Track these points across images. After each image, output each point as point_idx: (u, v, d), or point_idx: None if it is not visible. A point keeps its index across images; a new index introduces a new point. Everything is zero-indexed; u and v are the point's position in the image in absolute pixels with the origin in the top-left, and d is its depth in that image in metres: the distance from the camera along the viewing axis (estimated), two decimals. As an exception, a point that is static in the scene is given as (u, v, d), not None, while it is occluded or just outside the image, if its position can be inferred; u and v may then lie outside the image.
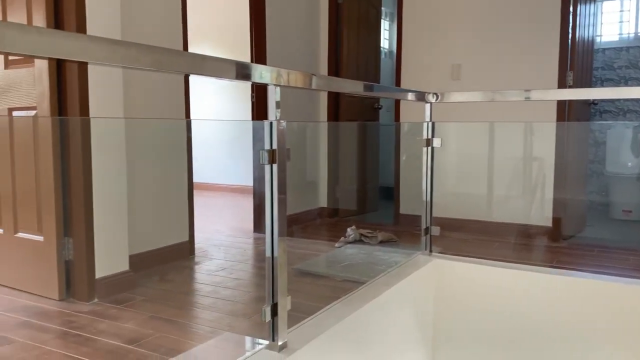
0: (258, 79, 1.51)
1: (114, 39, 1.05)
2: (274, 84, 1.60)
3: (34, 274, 2.59)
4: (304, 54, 4.49)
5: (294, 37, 4.36)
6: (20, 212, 2.63)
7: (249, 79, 1.45)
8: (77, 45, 0.99)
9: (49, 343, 2.02)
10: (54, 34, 0.98)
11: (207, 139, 6.29)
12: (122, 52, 1.09)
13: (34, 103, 2.50)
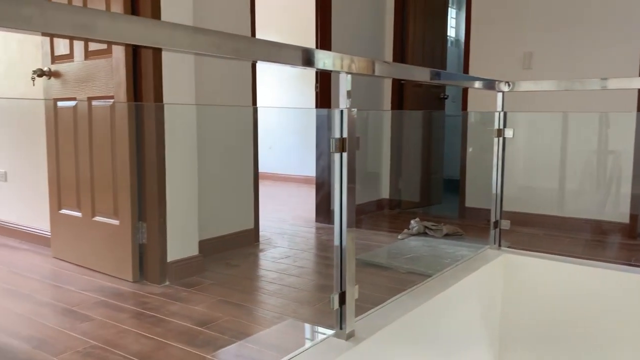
0: (330, 66, 1.50)
1: (198, 27, 1.07)
2: (345, 71, 1.59)
3: (109, 256, 2.72)
4: (369, 43, 4.45)
5: (359, 25, 4.32)
6: (98, 197, 2.77)
7: (317, 67, 1.43)
8: (165, 33, 1.01)
9: (125, 322, 2.12)
10: (143, 22, 1.01)
11: (270, 130, 6.37)
12: (204, 40, 1.11)
13: (112, 92, 2.61)
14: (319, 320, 2.23)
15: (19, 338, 1.96)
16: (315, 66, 1.38)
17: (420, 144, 4.81)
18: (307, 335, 2.15)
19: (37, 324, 2.10)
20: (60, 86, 2.90)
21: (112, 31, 0.96)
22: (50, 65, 2.93)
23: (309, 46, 1.37)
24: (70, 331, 2.02)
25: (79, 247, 2.90)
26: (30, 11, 0.84)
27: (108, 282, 2.63)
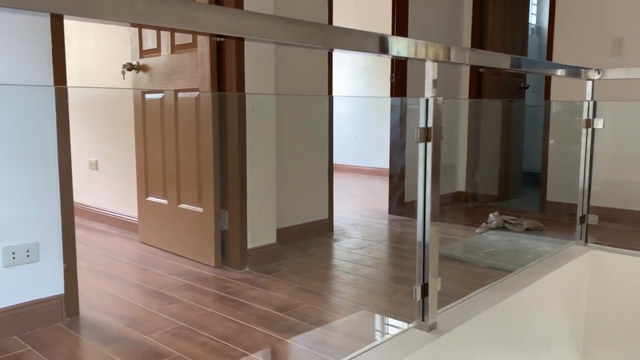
0: (404, 53, 1.47)
1: (291, 18, 1.09)
2: (432, 59, 1.56)
3: (193, 242, 2.84)
4: (446, 30, 4.34)
5: (436, 13, 4.23)
6: (183, 186, 2.89)
7: (392, 54, 1.40)
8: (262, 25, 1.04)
9: (209, 305, 2.21)
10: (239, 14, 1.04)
11: (341, 121, 6.39)
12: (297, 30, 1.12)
13: (197, 85, 2.72)
14: (395, 312, 2.22)
15: (113, 316, 2.10)
16: (390, 53, 1.36)
17: (498, 135, 4.65)
18: (384, 326, 2.15)
19: (128, 303, 2.23)
20: (147, 79, 3.05)
21: (213, 23, 1.00)
22: (138, 59, 3.08)
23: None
24: (158, 312, 2.13)
25: (164, 233, 3.04)
26: (141, 6, 0.89)
27: (192, 266, 2.75)
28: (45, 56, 1.93)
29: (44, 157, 1.93)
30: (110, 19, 0.87)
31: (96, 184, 3.79)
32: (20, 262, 1.90)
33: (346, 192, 5.15)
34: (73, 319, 2.04)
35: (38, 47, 1.91)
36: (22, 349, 1.80)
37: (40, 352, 1.78)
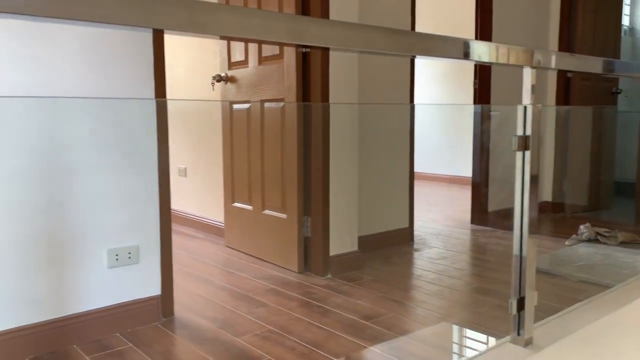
0: (486, 58, 1.43)
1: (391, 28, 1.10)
2: (530, 66, 1.52)
3: (277, 247, 2.91)
4: (531, 34, 4.19)
5: (521, 16, 4.10)
6: (267, 192, 2.97)
7: (472, 58, 1.37)
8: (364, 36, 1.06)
9: (295, 310, 2.25)
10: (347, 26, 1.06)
11: (419, 128, 6.31)
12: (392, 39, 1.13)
13: (282, 95, 2.79)
14: (483, 325, 2.16)
15: (205, 317, 2.18)
16: (470, 58, 1.34)
17: (588, 143, 4.42)
18: (473, 339, 2.10)
19: (218, 305, 2.32)
20: (235, 90, 3.16)
21: (319, 36, 1.03)
22: (227, 71, 3.20)
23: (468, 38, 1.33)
24: (247, 315, 2.20)
25: (249, 238, 3.13)
26: (256, 21, 0.93)
27: (275, 271, 2.81)
28: (147, 70, 2.05)
29: (145, 165, 2.05)
30: (226, 34, 0.92)
31: (184, 190, 3.97)
32: (123, 264, 2.02)
33: (425, 201, 5.08)
34: (168, 319, 2.15)
35: (141, 61, 2.03)
36: (123, 346, 1.91)
37: (140, 349, 1.88)
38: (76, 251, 1.91)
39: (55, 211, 1.85)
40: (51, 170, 1.84)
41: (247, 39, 0.93)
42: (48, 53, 1.82)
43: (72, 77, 1.88)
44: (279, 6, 2.72)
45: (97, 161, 1.93)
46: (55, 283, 1.87)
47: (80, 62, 1.89)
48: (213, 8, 0.85)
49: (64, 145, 1.86)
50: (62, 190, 1.86)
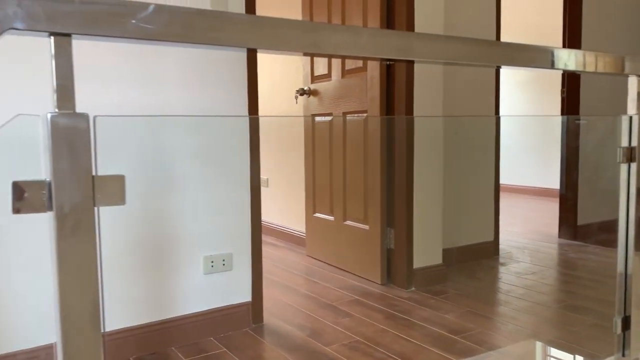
0: (572, 66, 1.37)
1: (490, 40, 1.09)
2: (636, 74, 1.46)
3: (359, 258, 2.92)
4: (624, 40, 3.98)
5: (613, 21, 3.90)
6: (349, 203, 3.00)
7: (558, 67, 1.32)
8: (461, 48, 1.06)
9: (381, 322, 2.25)
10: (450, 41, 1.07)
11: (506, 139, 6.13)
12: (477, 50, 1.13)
13: (365, 107, 2.82)
14: (578, 344, 2.07)
15: (293, 325, 2.23)
16: (556, 66, 1.29)
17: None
18: (568, 358, 2.01)
19: (305, 314, 2.36)
20: (317, 103, 3.23)
21: (426, 51, 1.04)
22: (310, 84, 3.28)
23: (555, 46, 1.29)
24: (334, 324, 2.23)
25: (330, 248, 3.17)
26: (365, 40, 0.96)
27: (358, 282, 2.82)
28: (242, 87, 2.14)
29: (238, 177, 2.14)
30: (338, 53, 0.95)
31: (266, 200, 4.08)
32: (217, 270, 2.11)
33: (509, 213, 4.92)
34: (258, 325, 2.22)
35: (235, 79, 2.13)
36: (218, 350, 1.99)
37: (234, 354, 1.96)
38: (176, 257, 2.02)
39: (158, 219, 1.97)
40: (156, 181, 1.96)
41: (357, 56, 0.96)
42: (153, 73, 1.95)
43: (174, 94, 2.00)
44: (363, 20, 2.76)
45: (196, 173, 2.04)
46: (157, 287, 1.99)
47: (181, 81, 2.01)
48: (328, 29, 0.89)
49: (166, 157, 1.98)
50: (165, 200, 1.98)
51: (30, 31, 0.67)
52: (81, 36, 0.71)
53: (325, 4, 3.06)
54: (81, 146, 0.70)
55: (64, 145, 0.69)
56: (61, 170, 0.69)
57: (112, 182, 0.74)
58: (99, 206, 0.73)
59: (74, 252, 0.71)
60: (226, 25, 0.80)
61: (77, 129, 0.70)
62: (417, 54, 1.02)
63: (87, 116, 0.70)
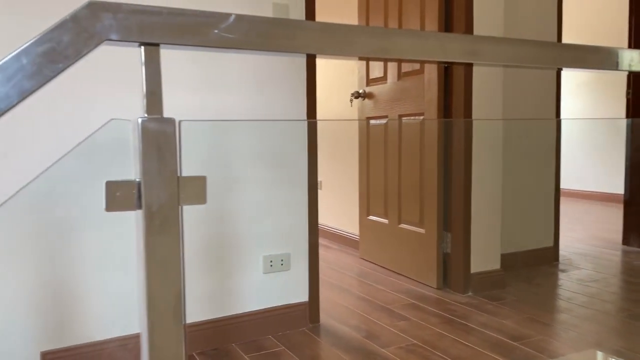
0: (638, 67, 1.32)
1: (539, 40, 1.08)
2: None
3: (414, 262, 2.91)
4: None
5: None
6: (405, 207, 2.99)
7: (622, 68, 1.28)
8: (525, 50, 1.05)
9: (437, 326, 2.24)
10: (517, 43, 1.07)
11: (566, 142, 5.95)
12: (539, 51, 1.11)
13: (421, 109, 2.80)
14: (645, 355, 1.99)
15: (349, 326, 2.25)
16: (619, 68, 1.25)
17: None
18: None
19: (360, 316, 2.38)
20: (372, 105, 3.24)
21: (494, 54, 1.04)
22: (365, 87, 3.30)
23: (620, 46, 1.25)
24: (390, 327, 2.23)
25: (384, 251, 3.17)
26: (433, 43, 0.97)
27: (412, 285, 2.81)
28: (301, 91, 2.19)
29: (296, 179, 2.18)
30: (406, 58, 0.97)
31: (320, 202, 4.12)
32: (276, 270, 2.16)
33: (570, 219, 4.77)
34: (315, 325, 2.25)
35: (295, 83, 2.17)
36: (277, 348, 2.03)
37: (293, 352, 1.99)
38: (236, 256, 2.08)
39: (220, 219, 2.04)
40: (219, 182, 2.03)
41: (423, 60, 0.97)
42: (218, 78, 2.02)
43: (236, 99, 2.06)
44: (420, 22, 2.75)
45: (256, 175, 2.09)
46: (219, 285, 2.05)
47: (243, 86, 2.07)
48: (397, 34, 0.91)
49: (229, 160, 2.04)
50: (227, 200, 2.05)
51: (123, 42, 0.72)
52: (168, 45, 0.75)
53: (382, 8, 3.07)
54: (168, 148, 0.75)
55: (153, 147, 0.74)
56: (150, 171, 0.74)
57: (194, 183, 0.78)
58: (183, 205, 0.77)
59: (160, 248, 0.75)
60: (299, 33, 0.83)
61: (165, 132, 0.74)
62: (486, 57, 1.02)
63: (174, 121, 0.75)
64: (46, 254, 1.74)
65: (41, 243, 1.74)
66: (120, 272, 1.87)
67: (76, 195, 1.77)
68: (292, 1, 2.13)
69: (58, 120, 1.76)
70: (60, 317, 1.77)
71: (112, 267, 1.85)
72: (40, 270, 1.74)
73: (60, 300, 1.78)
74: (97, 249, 1.82)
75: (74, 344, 1.80)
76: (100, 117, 1.81)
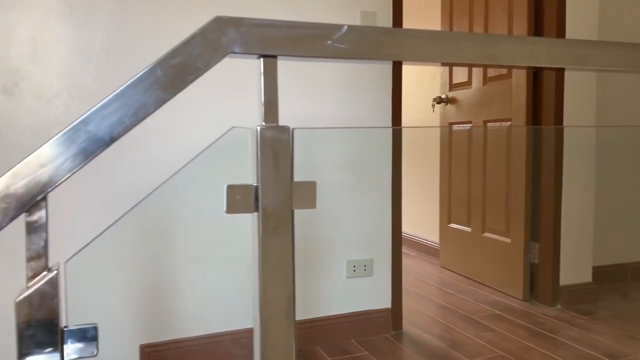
0: None
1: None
2: None
3: (498, 272, 2.83)
4: None
5: None
6: (489, 215, 2.92)
7: None
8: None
9: (525, 339, 2.16)
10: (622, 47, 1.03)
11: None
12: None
13: (508, 115, 2.73)
14: None
15: (432, 335, 2.23)
16: None
17: None
18: None
19: (444, 325, 2.34)
20: (455, 111, 3.19)
21: (606, 59, 1.01)
22: (447, 92, 3.25)
23: None
24: (475, 337, 2.18)
25: (466, 260, 3.11)
26: (541, 49, 0.95)
27: (496, 296, 2.73)
28: (386, 98, 2.20)
29: (380, 185, 2.19)
30: (513, 64, 0.96)
31: (398, 208, 4.10)
32: (359, 275, 2.18)
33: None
34: (397, 332, 2.24)
35: (381, 91, 2.19)
36: (360, 353, 2.05)
37: (376, 358, 2.00)
38: (321, 260, 2.12)
39: (308, 222, 2.09)
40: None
41: (532, 66, 0.96)
42: (309, 87, 2.07)
43: (327, 106, 2.10)
44: (508, 27, 2.69)
45: (342, 180, 2.12)
46: (304, 287, 2.10)
47: (333, 94, 2.11)
48: (504, 41, 0.90)
49: (317, 165, 2.09)
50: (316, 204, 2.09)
51: (245, 54, 0.77)
52: (285, 57, 0.79)
53: (467, 12, 3.02)
54: (283, 154, 0.78)
55: (269, 154, 0.78)
56: (267, 176, 0.78)
57: (306, 187, 0.81)
58: (295, 209, 0.81)
59: (274, 249, 0.79)
60: (408, 41, 0.85)
61: (280, 139, 0.78)
62: (596, 62, 0.99)
63: (289, 128, 0.79)
64: (160, 251, 1.86)
65: (160, 240, 1.85)
66: (213, 271, 1.95)
67: (195, 197, 1.87)
68: (379, 8, 2.15)
69: (178, 125, 1.87)
70: (160, 313, 1.88)
71: (213, 266, 1.94)
72: (152, 268, 1.85)
73: (160, 297, 1.89)
74: (204, 248, 1.92)
75: (171, 339, 1.90)
76: (205, 124, 1.91)
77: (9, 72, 1.68)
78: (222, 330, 1.96)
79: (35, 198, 0.66)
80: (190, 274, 1.92)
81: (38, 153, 0.66)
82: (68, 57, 1.75)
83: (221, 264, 1.96)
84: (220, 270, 1.96)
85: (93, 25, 1.77)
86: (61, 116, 1.75)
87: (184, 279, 1.91)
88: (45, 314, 0.68)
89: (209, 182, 1.90)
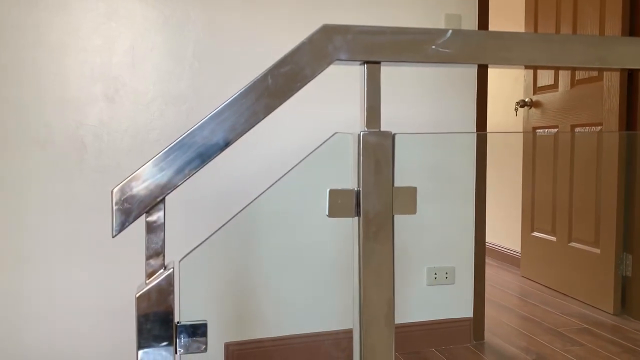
0: None
1: None
2: None
3: (585, 283, 2.69)
4: None
5: None
6: (576, 224, 2.78)
7: None
8: None
9: (618, 355, 2.04)
10: None
11: None
12: None
13: (599, 119, 2.59)
14: None
15: (516, 347, 2.15)
16: None
17: None
18: None
19: (527, 337, 2.25)
20: (539, 115, 3.07)
21: None
22: (531, 96, 3.13)
23: None
24: (562, 352, 2.08)
25: (550, 270, 2.97)
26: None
27: (583, 309, 2.60)
28: (471, 103, 2.15)
29: (463, 192, 2.14)
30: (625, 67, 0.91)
31: (475, 215, 3.99)
32: (440, 283, 2.14)
33: None
34: (479, 342, 2.18)
35: (465, 95, 2.14)
36: (440, 361, 2.01)
37: (457, 367, 1.96)
38: (402, 266, 2.10)
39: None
40: (385, 192, 2.07)
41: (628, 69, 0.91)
42: (395, 91, 2.07)
43: (412, 110, 2.09)
44: (600, 27, 2.56)
45: (425, 186, 2.10)
46: (383, 293, 2.09)
47: (418, 98, 2.09)
48: (615, 42, 0.86)
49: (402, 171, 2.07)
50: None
51: (349, 61, 0.78)
52: (388, 63, 0.80)
53: (553, 12, 2.90)
54: (384, 160, 0.79)
55: (371, 159, 0.78)
56: (368, 181, 0.78)
57: (406, 193, 0.81)
58: (396, 214, 0.81)
59: (375, 254, 0.80)
60: (515, 45, 0.83)
61: (382, 145, 0.79)
62: None
63: (391, 134, 0.79)
64: (258, 252, 1.92)
65: (258, 242, 1.91)
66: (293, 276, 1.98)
67: (295, 201, 1.92)
68: (465, 11, 2.11)
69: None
70: (246, 313, 1.94)
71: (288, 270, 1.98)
72: (247, 270, 1.91)
73: (250, 297, 1.94)
74: (298, 251, 1.96)
75: (256, 338, 1.95)
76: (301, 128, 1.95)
77: (110, 80, 1.80)
78: (300, 333, 1.99)
79: (156, 199, 0.70)
80: (281, 277, 1.96)
81: (158, 158, 0.70)
82: (162, 65, 1.84)
83: (312, 268, 1.99)
84: (311, 273, 1.99)
85: (186, 35, 1.85)
86: (156, 121, 1.84)
87: (275, 281, 1.95)
88: (162, 309, 0.71)
89: (308, 186, 1.93)
